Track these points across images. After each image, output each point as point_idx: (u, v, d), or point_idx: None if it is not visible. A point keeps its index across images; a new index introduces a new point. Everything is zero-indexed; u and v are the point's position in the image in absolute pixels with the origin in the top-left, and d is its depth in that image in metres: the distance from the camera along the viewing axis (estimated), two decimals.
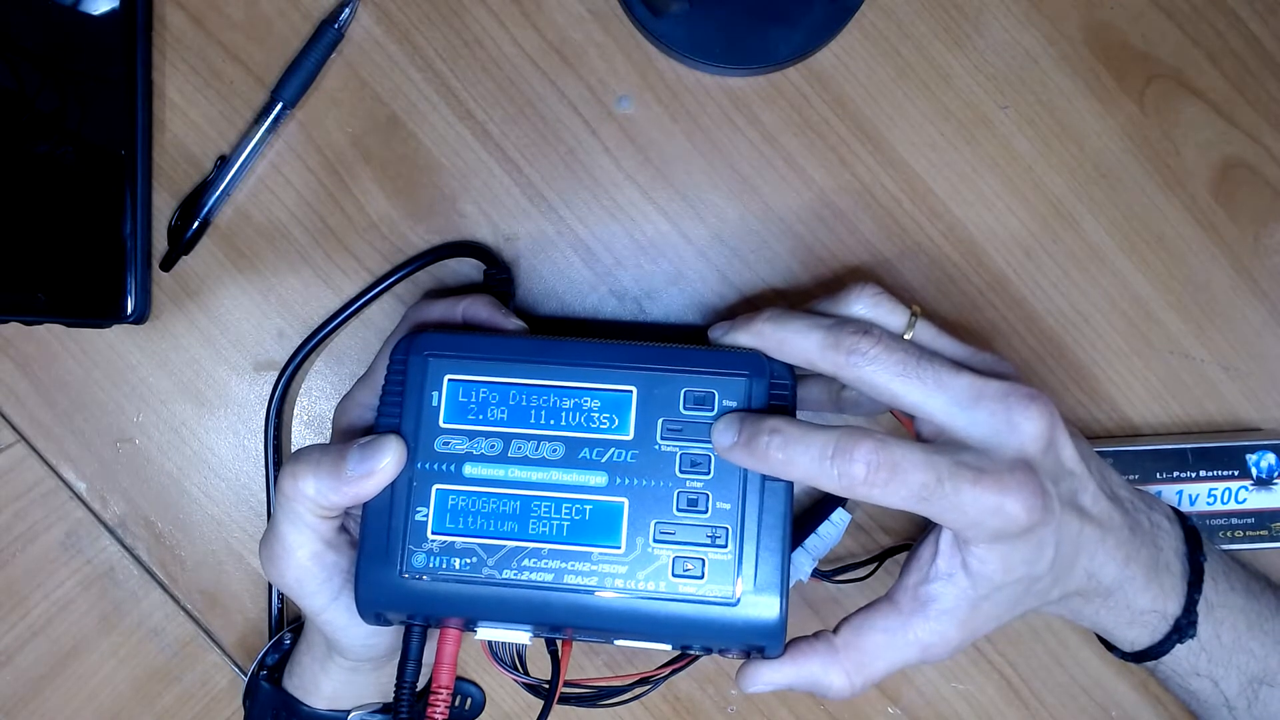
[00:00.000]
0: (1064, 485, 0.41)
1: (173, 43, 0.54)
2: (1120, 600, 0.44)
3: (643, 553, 0.41)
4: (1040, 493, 0.39)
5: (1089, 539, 0.42)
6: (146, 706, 0.57)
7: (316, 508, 0.42)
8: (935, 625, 0.41)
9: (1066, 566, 0.42)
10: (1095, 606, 0.44)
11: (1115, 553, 0.43)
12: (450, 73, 0.54)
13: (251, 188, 0.55)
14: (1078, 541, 0.42)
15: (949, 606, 0.41)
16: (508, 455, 0.42)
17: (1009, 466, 0.39)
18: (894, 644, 0.42)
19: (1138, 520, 0.44)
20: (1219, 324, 0.55)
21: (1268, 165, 0.54)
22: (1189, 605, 0.45)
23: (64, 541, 0.56)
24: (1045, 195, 0.54)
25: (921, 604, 0.42)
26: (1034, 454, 0.40)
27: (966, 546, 0.41)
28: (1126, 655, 0.48)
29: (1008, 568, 0.40)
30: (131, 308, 0.53)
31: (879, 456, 0.38)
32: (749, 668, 0.43)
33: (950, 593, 0.41)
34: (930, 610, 0.42)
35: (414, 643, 0.44)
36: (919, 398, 0.41)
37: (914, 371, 0.40)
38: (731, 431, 0.41)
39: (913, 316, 0.44)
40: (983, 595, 0.41)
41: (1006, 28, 0.54)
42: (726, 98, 0.54)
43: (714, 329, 0.45)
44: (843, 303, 0.44)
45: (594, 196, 0.55)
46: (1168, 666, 0.47)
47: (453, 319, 0.48)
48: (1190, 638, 0.45)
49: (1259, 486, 0.52)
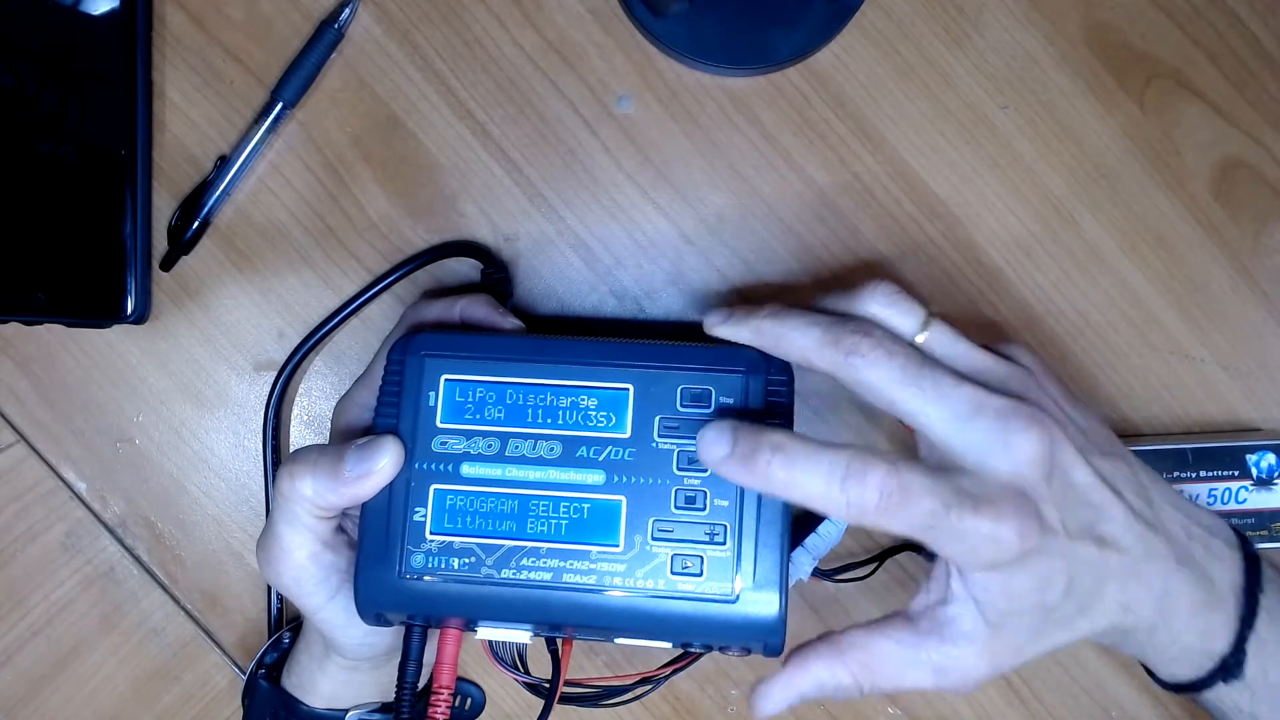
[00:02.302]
0: (1077, 514, 0.39)
1: (173, 43, 0.54)
2: (1163, 635, 0.41)
3: (641, 551, 0.41)
4: (1034, 518, 0.38)
5: (1115, 569, 0.40)
6: (146, 706, 0.57)
7: (314, 508, 0.42)
8: (952, 650, 0.40)
9: (1092, 596, 0.40)
10: (1139, 640, 0.42)
11: (1153, 584, 0.40)
12: (450, 73, 0.54)
13: (251, 188, 0.55)
14: (1100, 572, 0.39)
15: (966, 630, 0.40)
16: (505, 454, 0.42)
17: (1001, 492, 0.38)
18: (905, 658, 0.40)
19: (1189, 550, 0.41)
20: (1219, 324, 0.54)
21: (1268, 165, 0.54)
22: (1238, 643, 0.41)
23: (64, 541, 0.56)
24: (1045, 195, 0.54)
25: (938, 625, 0.40)
26: (1031, 478, 0.38)
27: (966, 575, 0.39)
28: (1167, 685, 0.45)
29: (1011, 596, 0.39)
30: (131, 308, 0.53)
31: (892, 482, 0.36)
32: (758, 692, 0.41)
33: (966, 617, 0.40)
34: (946, 633, 0.40)
35: (414, 643, 0.44)
36: (916, 406, 0.39)
37: (913, 378, 0.39)
38: (724, 442, 0.38)
39: (928, 317, 0.42)
40: (995, 623, 0.39)
41: (1006, 28, 0.54)
42: (726, 98, 0.54)
43: (709, 316, 0.43)
44: (857, 299, 0.42)
45: (594, 196, 0.55)
46: (1208, 700, 0.44)
47: (450, 319, 0.48)
48: (1236, 678, 0.42)
49: (1259, 486, 0.52)
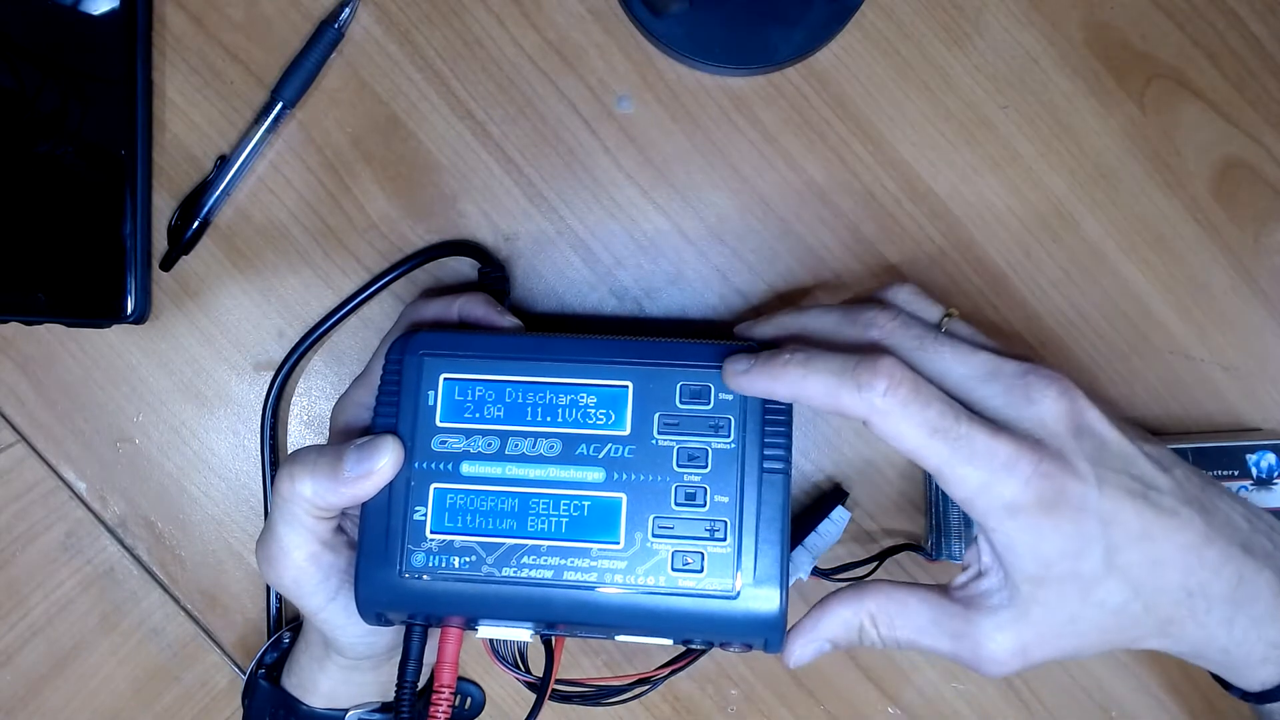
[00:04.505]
0: (1115, 474, 0.38)
1: (173, 43, 0.54)
2: (1244, 631, 0.39)
3: (642, 548, 0.41)
4: (1056, 458, 0.37)
5: (1172, 546, 0.38)
6: (146, 706, 0.57)
7: (314, 509, 0.42)
8: (977, 618, 0.39)
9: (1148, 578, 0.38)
10: (1221, 641, 0.39)
11: (1222, 569, 0.38)
12: (450, 73, 0.54)
13: (251, 188, 0.55)
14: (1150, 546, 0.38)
15: (994, 604, 0.39)
16: (505, 453, 0.42)
17: (1025, 432, 0.38)
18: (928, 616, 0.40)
19: (1253, 539, 0.39)
20: (1219, 324, 0.54)
21: (1268, 165, 0.54)
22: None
23: (64, 541, 0.56)
24: (1045, 195, 0.54)
25: (969, 596, 0.40)
26: (1057, 430, 0.38)
27: (989, 532, 0.38)
28: (1249, 695, 0.41)
29: (1040, 557, 0.37)
30: (131, 308, 0.53)
31: (902, 373, 0.37)
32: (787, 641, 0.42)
33: (995, 588, 0.39)
34: (976, 604, 0.39)
35: (415, 642, 0.44)
36: (936, 371, 0.40)
37: (931, 346, 0.40)
38: (745, 360, 0.40)
39: (946, 316, 0.43)
40: (1028, 596, 0.38)
41: (1006, 28, 0.54)
42: (726, 98, 0.54)
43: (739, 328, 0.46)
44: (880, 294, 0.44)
45: (594, 196, 0.55)
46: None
47: (448, 318, 0.48)
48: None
49: (1259, 486, 0.52)
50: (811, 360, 0.38)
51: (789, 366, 0.38)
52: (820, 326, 0.42)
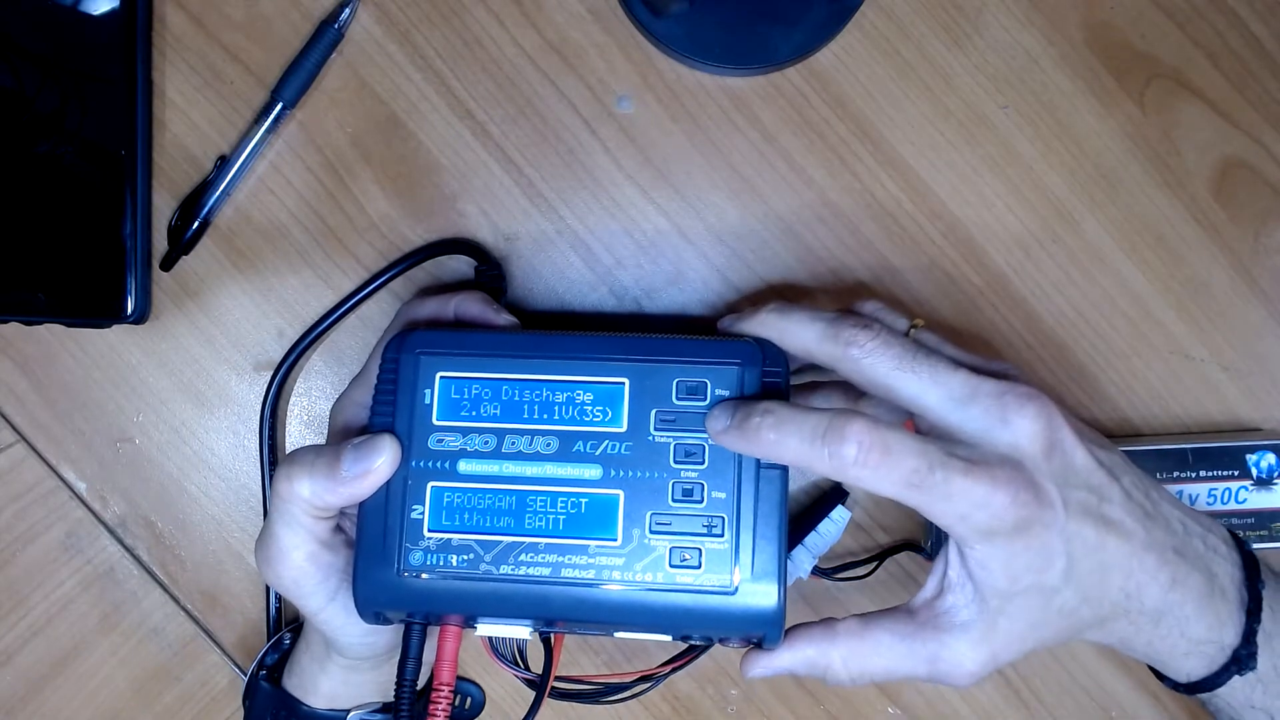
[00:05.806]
0: (1076, 493, 0.40)
1: (173, 43, 0.54)
2: (1172, 628, 0.42)
3: (639, 544, 0.41)
4: (1030, 487, 0.39)
5: (1118, 554, 0.40)
6: (146, 706, 0.57)
7: (312, 509, 0.42)
8: (948, 639, 0.41)
9: (1094, 583, 0.40)
10: (1146, 635, 0.42)
11: (1158, 574, 0.41)
12: (450, 73, 0.54)
13: (251, 188, 0.55)
14: (1101, 555, 0.40)
15: (963, 621, 0.41)
16: (502, 451, 0.42)
17: (999, 460, 0.39)
18: (898, 648, 0.41)
19: (1187, 542, 0.42)
20: (1219, 324, 0.54)
21: (1268, 165, 0.54)
22: (1248, 635, 0.42)
23: (64, 541, 0.56)
24: (1045, 195, 0.54)
25: (935, 616, 0.41)
26: (1031, 453, 0.39)
27: (964, 549, 0.40)
28: (1179, 686, 0.45)
29: (1011, 574, 0.39)
30: (131, 308, 0.53)
31: (871, 437, 0.38)
32: (749, 656, 0.43)
33: (962, 604, 0.41)
34: (943, 623, 0.41)
35: (414, 641, 0.44)
36: (914, 391, 0.40)
37: (910, 365, 0.40)
38: (725, 416, 0.40)
39: (912, 327, 0.44)
40: (995, 609, 0.40)
41: (1006, 28, 0.54)
42: (726, 98, 0.54)
43: (722, 321, 0.46)
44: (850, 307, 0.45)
45: (594, 196, 0.55)
46: (1222, 699, 0.44)
47: (444, 316, 0.48)
48: (1250, 669, 0.42)
49: (1259, 486, 0.52)
50: (783, 425, 0.39)
51: (761, 430, 0.39)
52: (801, 340, 0.42)
